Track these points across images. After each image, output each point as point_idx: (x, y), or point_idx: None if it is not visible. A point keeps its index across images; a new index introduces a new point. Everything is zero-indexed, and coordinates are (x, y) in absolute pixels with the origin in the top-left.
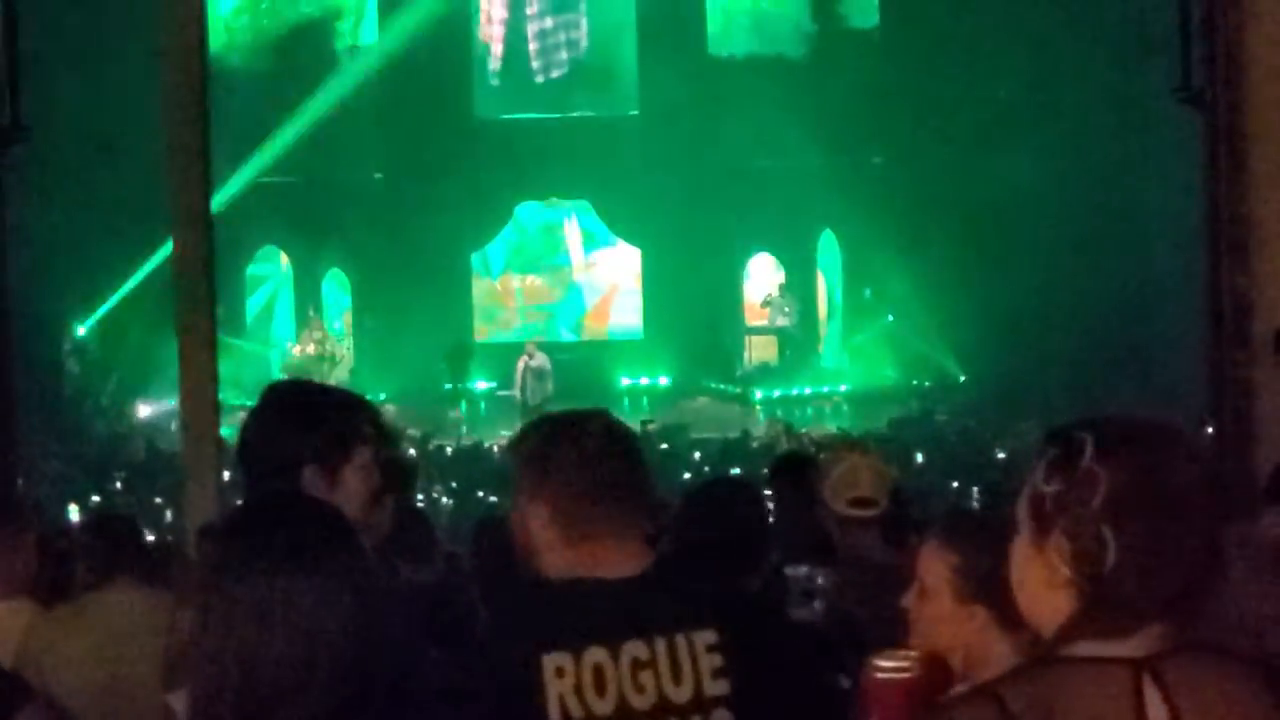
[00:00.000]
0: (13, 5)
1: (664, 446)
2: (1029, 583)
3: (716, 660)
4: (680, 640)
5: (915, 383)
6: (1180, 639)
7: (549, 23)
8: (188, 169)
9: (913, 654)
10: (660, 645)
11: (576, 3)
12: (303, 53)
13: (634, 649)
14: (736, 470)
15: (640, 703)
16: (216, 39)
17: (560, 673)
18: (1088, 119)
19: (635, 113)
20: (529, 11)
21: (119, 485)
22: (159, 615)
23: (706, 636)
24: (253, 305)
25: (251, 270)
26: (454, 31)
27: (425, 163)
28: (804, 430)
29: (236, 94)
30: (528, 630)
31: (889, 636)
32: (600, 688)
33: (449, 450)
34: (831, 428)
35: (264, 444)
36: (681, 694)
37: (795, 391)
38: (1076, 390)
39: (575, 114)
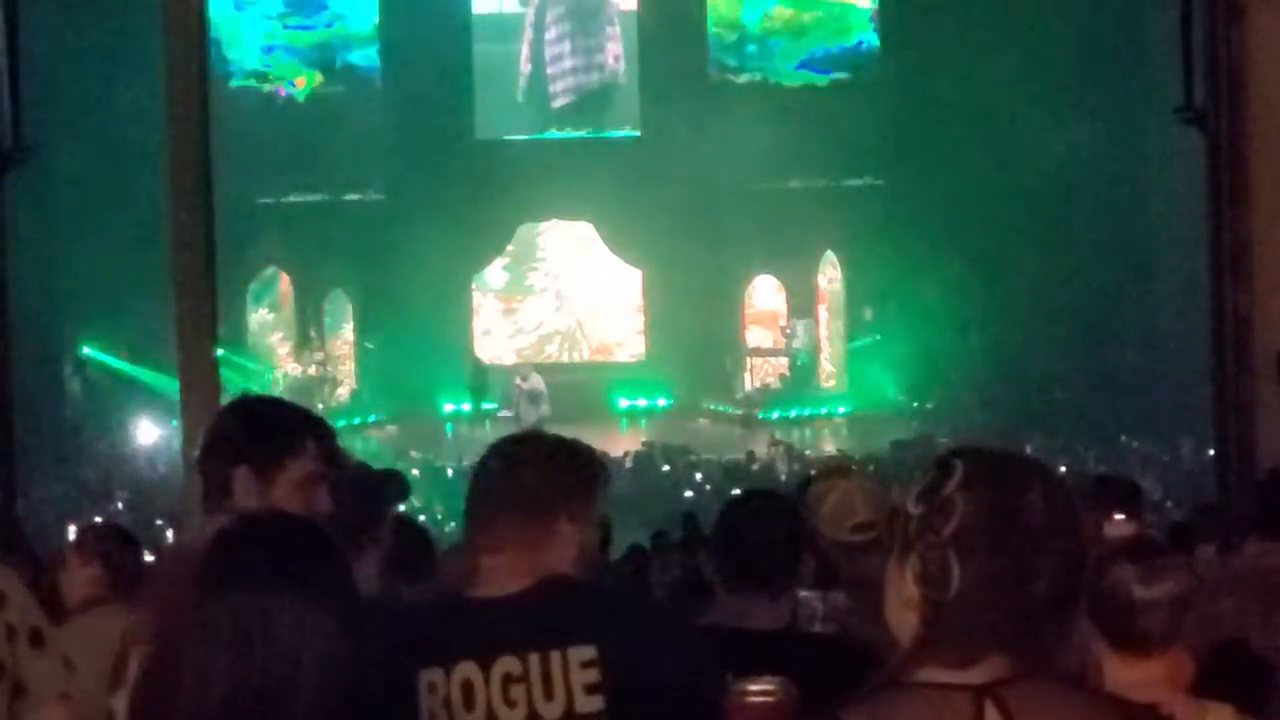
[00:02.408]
0: (15, 31)
1: (665, 468)
2: (890, 598)
3: (592, 676)
4: (555, 656)
5: (917, 404)
6: (1022, 670)
7: (566, 46)
8: (189, 191)
9: (780, 680)
10: (534, 661)
11: (599, 28)
12: (303, 75)
13: (506, 664)
14: (737, 491)
15: (510, 717)
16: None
17: (433, 688)
18: (1090, 140)
19: (637, 134)
20: (547, 36)
21: (120, 506)
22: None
23: (583, 653)
24: (254, 327)
25: (253, 292)
26: (455, 53)
27: (427, 184)
28: (806, 451)
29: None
30: (407, 647)
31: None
32: (469, 703)
33: (450, 471)
34: (831, 449)
35: (207, 445)
36: (552, 709)
37: (797, 413)
38: (1079, 411)
39: (576, 135)
